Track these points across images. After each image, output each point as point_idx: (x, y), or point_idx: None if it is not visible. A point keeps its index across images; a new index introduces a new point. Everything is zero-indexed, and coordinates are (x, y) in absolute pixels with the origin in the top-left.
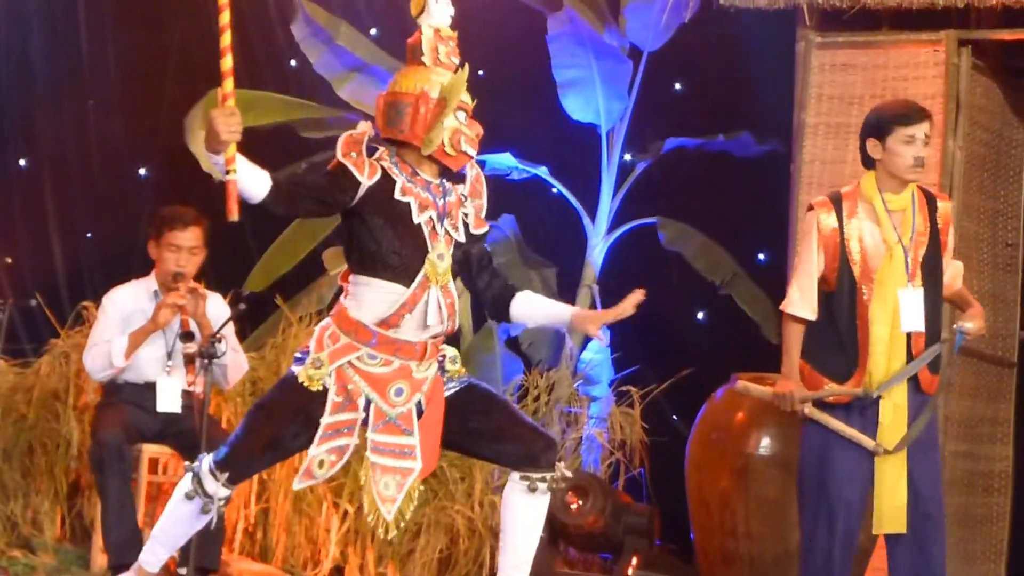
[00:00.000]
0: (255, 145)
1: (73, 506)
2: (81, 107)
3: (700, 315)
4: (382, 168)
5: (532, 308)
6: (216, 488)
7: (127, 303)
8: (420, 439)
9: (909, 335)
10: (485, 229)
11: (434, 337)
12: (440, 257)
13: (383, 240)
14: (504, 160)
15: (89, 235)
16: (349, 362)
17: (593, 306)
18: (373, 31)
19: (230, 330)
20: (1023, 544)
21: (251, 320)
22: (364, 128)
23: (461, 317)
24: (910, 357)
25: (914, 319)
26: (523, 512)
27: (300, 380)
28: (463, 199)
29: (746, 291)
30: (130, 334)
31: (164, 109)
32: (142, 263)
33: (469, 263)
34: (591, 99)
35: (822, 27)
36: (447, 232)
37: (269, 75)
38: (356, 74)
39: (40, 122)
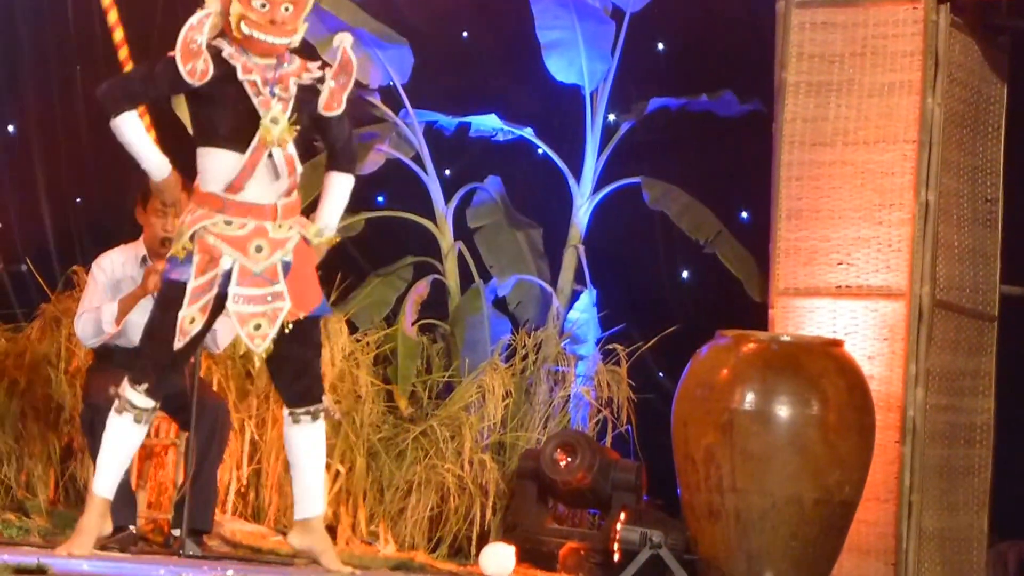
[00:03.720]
0: None
1: (66, 469)
2: (69, 72)
3: (684, 273)
4: (218, 54)
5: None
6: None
7: (116, 269)
8: (289, 286)
9: None
10: (337, 112)
11: (284, 197)
12: (274, 121)
13: (215, 110)
14: (489, 122)
15: (79, 200)
16: (206, 228)
17: (579, 266)
18: None
19: None
20: (1005, 495)
21: None
22: (203, 15)
23: (448, 278)
24: None
25: None
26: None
27: (172, 255)
28: (309, 71)
29: (730, 249)
30: (119, 300)
31: None
32: (132, 228)
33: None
34: (574, 60)
35: None
36: (279, 96)
37: None
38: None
39: (29, 88)
